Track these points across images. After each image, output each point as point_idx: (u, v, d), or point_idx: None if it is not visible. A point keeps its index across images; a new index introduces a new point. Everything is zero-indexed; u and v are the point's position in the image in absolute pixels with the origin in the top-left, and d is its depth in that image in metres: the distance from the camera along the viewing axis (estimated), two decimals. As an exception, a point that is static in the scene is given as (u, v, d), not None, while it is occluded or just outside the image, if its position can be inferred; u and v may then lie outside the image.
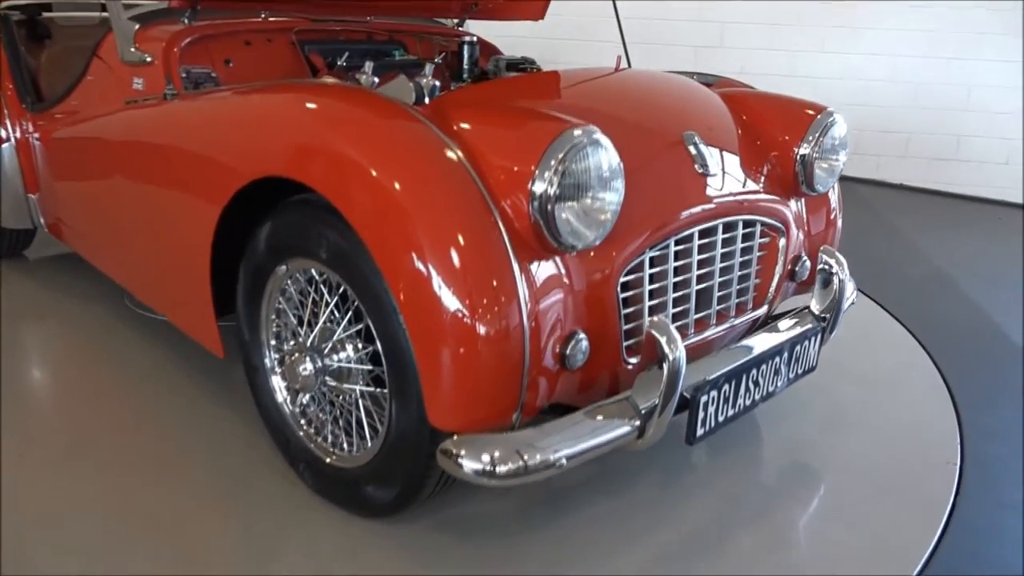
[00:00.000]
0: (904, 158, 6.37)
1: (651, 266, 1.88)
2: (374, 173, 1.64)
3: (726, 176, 2.12)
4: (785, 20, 6.25)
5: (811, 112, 2.43)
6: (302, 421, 2.06)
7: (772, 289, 2.32)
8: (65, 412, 2.45)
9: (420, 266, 1.57)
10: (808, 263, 2.43)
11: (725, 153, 2.19)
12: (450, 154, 1.66)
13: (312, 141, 1.76)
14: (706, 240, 2.03)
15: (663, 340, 1.69)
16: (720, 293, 2.13)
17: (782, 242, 2.32)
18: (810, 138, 2.33)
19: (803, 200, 2.43)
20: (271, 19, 2.83)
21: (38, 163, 3.23)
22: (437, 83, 2.27)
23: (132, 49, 2.53)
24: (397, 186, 1.61)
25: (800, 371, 2.18)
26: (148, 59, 2.48)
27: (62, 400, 2.54)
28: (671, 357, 1.68)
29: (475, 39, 3.11)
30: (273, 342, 2.10)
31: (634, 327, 1.88)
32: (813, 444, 2.43)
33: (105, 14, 3.22)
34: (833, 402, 2.69)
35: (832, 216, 2.53)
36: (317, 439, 2.04)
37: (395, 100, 1.80)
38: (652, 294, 1.91)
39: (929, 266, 4.44)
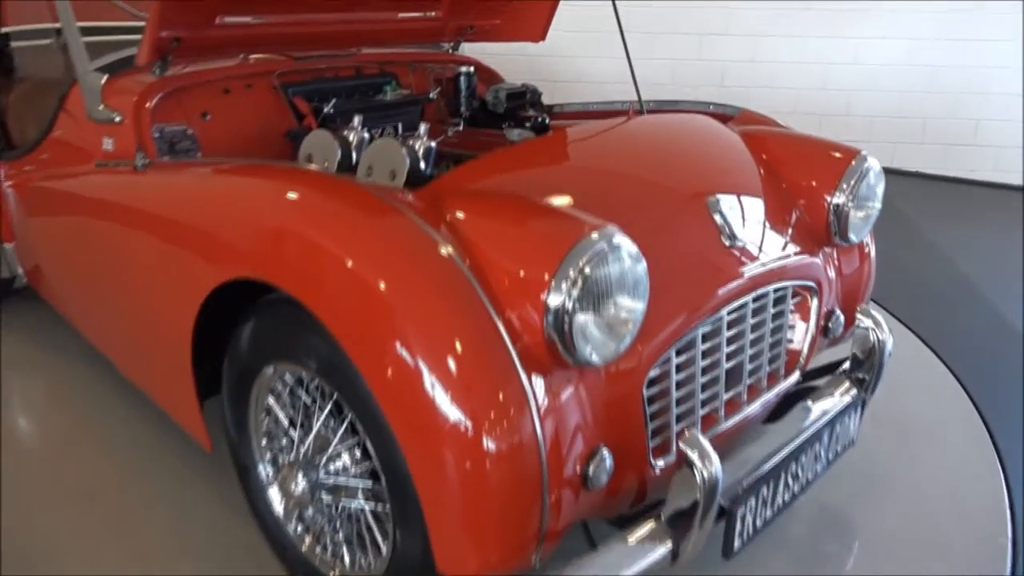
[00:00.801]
0: (920, 144, 6.14)
1: (676, 356, 1.70)
2: (353, 276, 1.46)
3: (755, 242, 1.93)
4: (793, 4, 5.98)
5: (839, 155, 2.23)
6: (301, 532, 1.89)
7: (804, 352, 2.14)
8: (43, 471, 2.29)
9: (411, 380, 1.39)
10: (842, 318, 2.24)
11: (752, 215, 1.99)
12: (443, 251, 1.48)
13: (284, 241, 1.58)
14: (735, 315, 1.85)
15: (695, 456, 1.52)
16: (750, 366, 1.95)
17: (814, 302, 2.13)
18: (844, 186, 2.14)
19: (834, 250, 2.23)
20: (251, 60, 2.61)
21: (12, 211, 3.04)
22: (433, 144, 2.06)
23: (100, 107, 2.33)
24: (381, 288, 1.43)
25: (840, 450, 2.00)
26: (117, 119, 2.28)
27: (39, 462, 2.37)
28: (706, 475, 1.51)
29: (472, 69, 2.89)
30: (264, 441, 1.92)
31: (661, 425, 1.70)
32: (847, 516, 2.26)
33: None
34: (865, 456, 2.51)
35: (866, 263, 2.34)
36: (317, 549, 1.87)
37: (378, 191, 1.61)
38: (679, 384, 1.72)
39: (953, 270, 4.24)
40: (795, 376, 2.12)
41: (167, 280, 1.95)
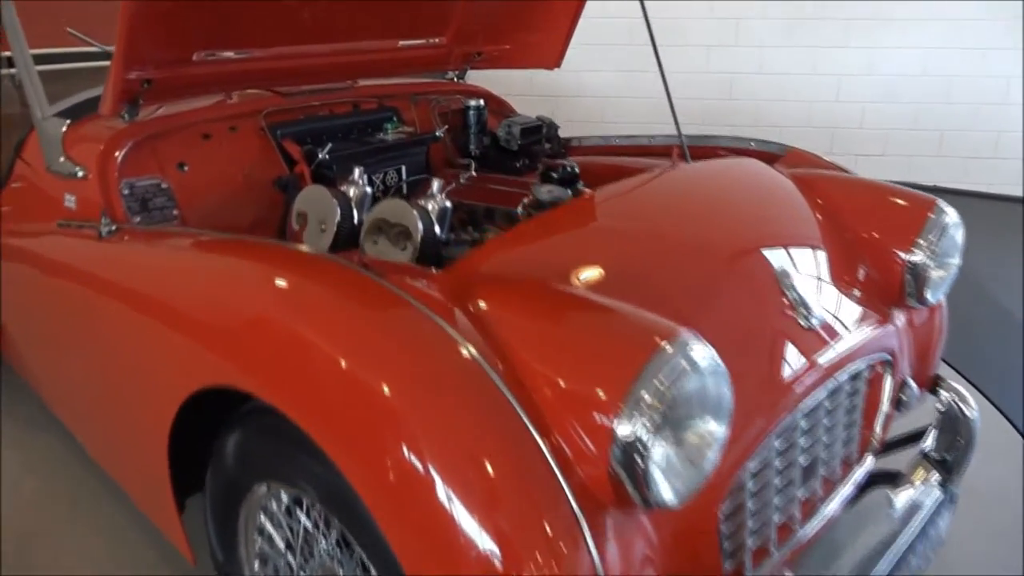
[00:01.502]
0: (938, 157, 5.88)
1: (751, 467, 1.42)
2: (351, 384, 1.19)
3: (830, 318, 1.64)
4: (805, 13, 5.71)
5: (909, 204, 1.96)
6: None
7: (878, 432, 1.86)
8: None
9: (430, 516, 1.10)
10: (915, 388, 1.96)
11: (823, 283, 1.71)
12: (465, 352, 1.19)
13: (267, 340, 1.30)
14: (810, 407, 1.56)
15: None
16: (824, 456, 1.67)
17: (888, 376, 1.85)
18: (923, 243, 1.86)
19: (907, 311, 1.95)
20: (234, 98, 2.31)
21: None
22: (448, 204, 1.77)
23: (60, 159, 2.02)
24: (386, 397, 1.15)
25: (932, 556, 1.72)
26: (80, 173, 1.98)
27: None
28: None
29: (482, 103, 2.60)
30: (258, 565, 1.62)
31: (734, 547, 1.42)
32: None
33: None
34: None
35: (936, 318, 2.06)
36: None
37: (383, 274, 1.32)
38: (752, 496, 1.44)
39: (988, 300, 3.97)
40: (869, 461, 1.85)
41: (137, 373, 1.65)
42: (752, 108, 5.90)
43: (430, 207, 1.74)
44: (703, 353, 1.15)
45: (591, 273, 1.42)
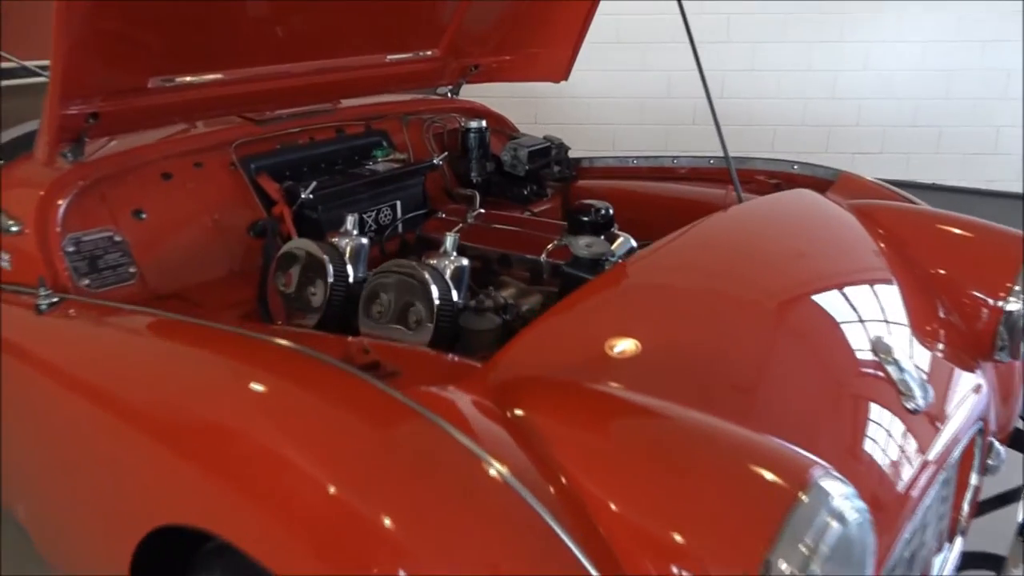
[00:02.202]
0: (937, 154, 5.66)
1: None
2: (345, 515, 0.92)
3: (931, 392, 1.37)
4: (798, 8, 5.46)
5: (991, 241, 1.70)
6: None
7: (966, 508, 1.60)
8: None
9: None
10: (1002, 451, 1.70)
11: (914, 345, 1.44)
12: (494, 472, 0.90)
13: (238, 475, 1.00)
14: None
15: None
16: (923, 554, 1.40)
17: (979, 443, 1.59)
18: (1020, 289, 1.59)
19: (992, 364, 1.69)
20: (198, 129, 1.98)
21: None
22: (465, 262, 1.47)
23: (-10, 211, 1.68)
24: (387, 530, 0.85)
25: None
26: (14, 228, 1.64)
27: None
28: None
29: (484, 124, 2.29)
30: None
31: None
32: None
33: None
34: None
35: (1020, 371, 1.80)
36: None
37: (393, 392, 1.02)
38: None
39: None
40: (959, 541, 1.59)
41: (87, 490, 1.33)
42: (745, 106, 5.65)
43: (444, 266, 1.44)
44: (848, 501, 0.86)
45: (664, 364, 1.13)
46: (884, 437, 1.20)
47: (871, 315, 1.40)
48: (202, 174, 1.88)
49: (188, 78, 1.80)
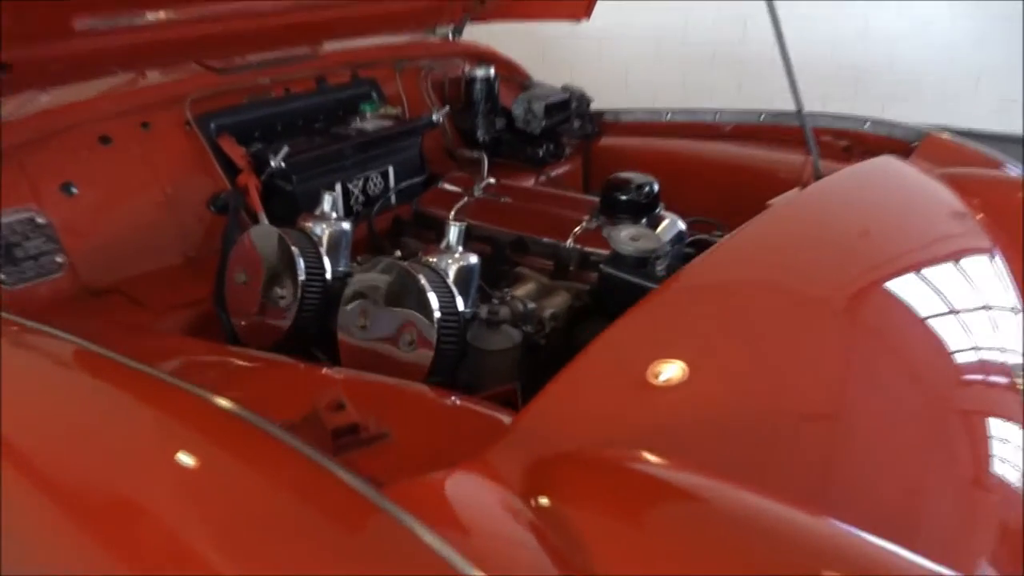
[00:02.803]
0: (975, 97, 5.28)
1: None
2: None
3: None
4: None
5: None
6: None
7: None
8: None
9: None
10: None
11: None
12: None
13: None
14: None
15: None
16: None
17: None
18: None
19: None
20: (146, 80, 1.63)
21: None
22: (474, 259, 1.14)
23: None
24: None
25: None
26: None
27: None
28: None
29: (492, 72, 1.93)
30: None
31: None
32: None
33: None
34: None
35: None
36: None
37: (364, 486, 0.70)
38: None
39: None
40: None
41: None
42: (769, 52, 5.23)
43: (446, 265, 1.11)
44: None
45: (744, 425, 0.81)
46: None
47: (1003, 328, 1.08)
48: (150, 137, 1.54)
49: (128, 18, 1.45)
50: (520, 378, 1.14)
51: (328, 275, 1.25)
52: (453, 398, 0.93)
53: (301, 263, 1.21)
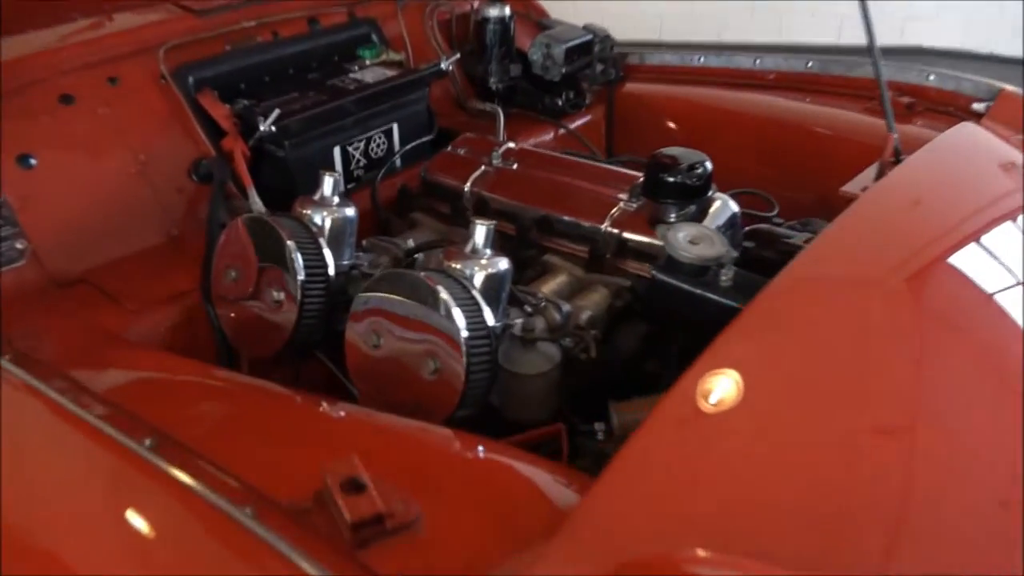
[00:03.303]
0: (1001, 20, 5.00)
1: None
2: None
3: None
4: None
5: None
6: None
7: None
8: None
9: None
10: None
11: None
12: None
13: None
14: None
15: None
16: None
17: None
18: None
19: None
20: (112, 26, 1.41)
21: None
22: (504, 265, 0.97)
23: None
24: None
25: None
26: None
27: None
28: None
29: (507, 10, 1.72)
30: None
31: None
32: None
33: None
34: None
35: None
36: None
37: None
38: None
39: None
40: None
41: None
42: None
43: (472, 274, 0.94)
44: None
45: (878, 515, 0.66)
46: None
47: None
48: (119, 94, 1.34)
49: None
50: (560, 400, 0.99)
51: (331, 270, 1.08)
52: (491, 453, 0.78)
53: (299, 260, 1.04)
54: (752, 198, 1.44)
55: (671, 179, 1.12)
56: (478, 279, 0.94)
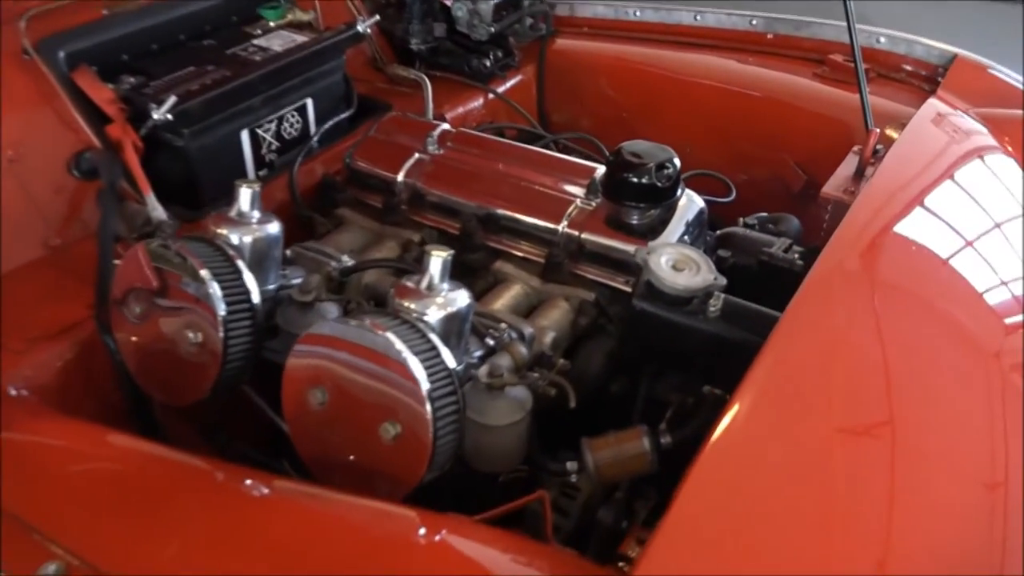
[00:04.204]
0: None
1: None
2: None
3: None
4: None
5: None
6: None
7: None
8: None
9: None
10: None
11: None
12: None
13: None
14: None
15: None
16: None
17: None
18: None
19: None
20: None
21: None
22: (465, 300, 0.84)
23: None
24: None
25: None
26: None
27: None
28: None
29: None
30: None
31: None
32: None
33: None
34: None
35: None
36: None
37: None
38: None
39: None
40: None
41: None
42: None
43: (430, 316, 0.81)
44: None
45: None
46: None
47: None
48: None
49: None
50: (530, 445, 0.89)
51: (255, 297, 0.92)
52: (462, 539, 0.67)
53: (217, 292, 0.88)
54: (704, 179, 1.35)
55: (637, 180, 1.00)
56: (436, 320, 0.81)
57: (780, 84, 1.47)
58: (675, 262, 0.88)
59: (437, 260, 0.82)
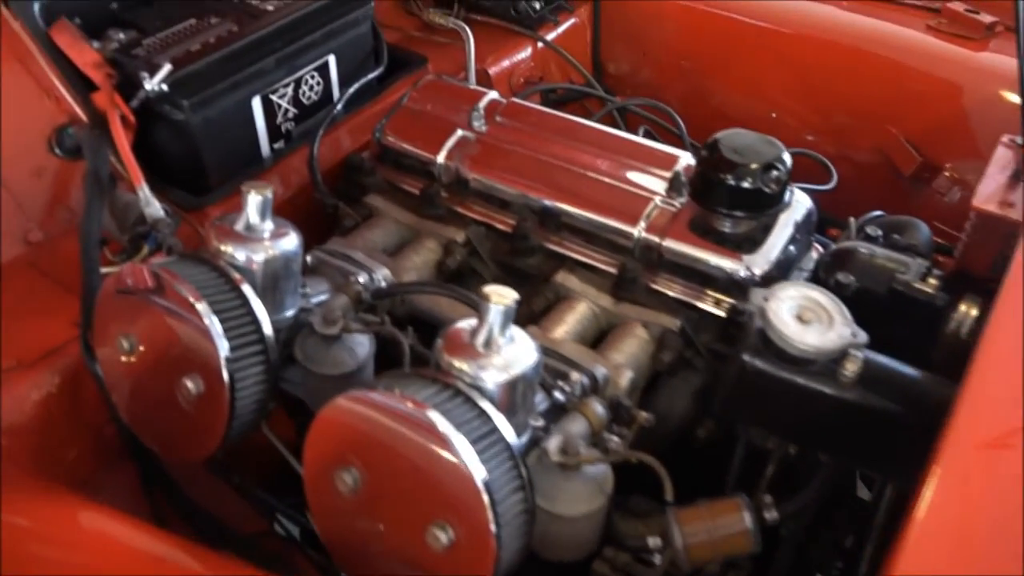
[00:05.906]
0: None
1: None
2: None
3: None
4: None
5: None
6: None
7: None
8: None
9: None
10: None
11: None
12: None
13: None
14: None
15: None
16: None
17: None
18: None
19: None
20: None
21: None
22: (533, 359, 0.66)
23: None
24: None
25: None
26: None
27: None
28: None
29: None
30: None
31: None
32: None
33: None
34: None
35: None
36: None
37: None
38: None
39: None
40: None
41: None
42: None
43: (485, 382, 0.64)
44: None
45: None
46: None
47: None
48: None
49: None
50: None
51: (267, 329, 0.75)
52: None
53: (217, 328, 0.71)
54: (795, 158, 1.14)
55: (736, 184, 0.81)
56: (497, 388, 0.64)
57: (887, 37, 1.23)
58: (800, 310, 0.69)
59: (497, 310, 0.64)
